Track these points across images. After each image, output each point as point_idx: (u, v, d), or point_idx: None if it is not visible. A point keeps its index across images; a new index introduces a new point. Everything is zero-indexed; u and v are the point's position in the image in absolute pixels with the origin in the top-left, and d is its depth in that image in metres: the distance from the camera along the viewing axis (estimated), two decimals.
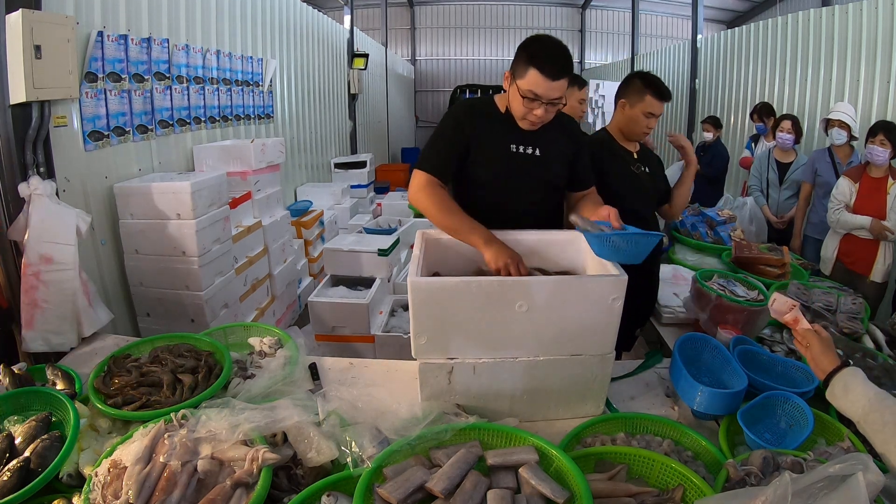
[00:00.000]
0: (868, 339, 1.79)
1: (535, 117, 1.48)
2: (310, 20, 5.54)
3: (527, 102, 1.46)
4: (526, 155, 1.59)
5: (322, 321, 2.82)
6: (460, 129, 1.58)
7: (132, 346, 1.63)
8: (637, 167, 2.04)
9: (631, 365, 1.67)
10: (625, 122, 2.00)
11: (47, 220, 1.85)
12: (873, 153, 2.81)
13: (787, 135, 3.68)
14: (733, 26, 8.47)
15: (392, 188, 7.46)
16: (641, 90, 1.92)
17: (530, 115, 1.48)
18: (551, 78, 1.41)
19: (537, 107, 1.46)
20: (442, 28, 13.49)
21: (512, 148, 1.59)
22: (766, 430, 1.26)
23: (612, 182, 1.95)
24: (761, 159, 3.90)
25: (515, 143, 1.59)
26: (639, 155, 2.07)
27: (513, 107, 1.52)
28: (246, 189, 3.28)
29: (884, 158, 2.79)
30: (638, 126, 1.97)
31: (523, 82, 1.44)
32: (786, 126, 3.69)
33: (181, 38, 3.18)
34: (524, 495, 1.00)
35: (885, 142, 2.77)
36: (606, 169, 1.97)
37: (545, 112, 1.47)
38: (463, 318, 1.22)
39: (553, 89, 1.43)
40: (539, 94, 1.43)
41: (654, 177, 2.11)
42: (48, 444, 1.18)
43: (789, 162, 3.74)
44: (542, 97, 1.43)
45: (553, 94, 1.44)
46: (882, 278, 2.91)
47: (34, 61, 1.85)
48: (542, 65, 1.40)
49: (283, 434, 1.18)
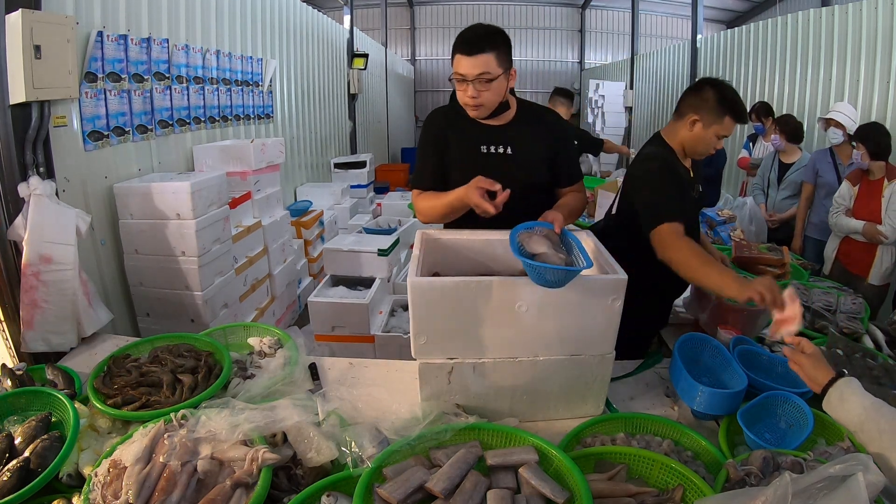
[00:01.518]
0: (868, 339, 1.79)
1: (470, 98, 1.51)
2: (310, 20, 5.54)
3: (459, 85, 1.51)
4: (497, 154, 1.60)
5: (322, 321, 2.82)
6: (440, 135, 1.62)
7: (132, 346, 1.63)
8: (695, 190, 1.81)
9: (631, 365, 1.67)
10: (692, 140, 1.70)
11: (47, 220, 1.85)
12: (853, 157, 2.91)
13: (775, 136, 3.70)
14: (733, 26, 8.46)
15: (392, 188, 7.47)
16: (720, 111, 1.63)
17: (465, 97, 1.52)
18: (466, 54, 1.45)
19: (467, 87, 1.49)
20: (442, 28, 13.48)
21: (482, 149, 1.60)
22: (766, 430, 1.26)
23: None
24: (767, 159, 3.91)
25: (486, 144, 1.60)
26: (693, 172, 1.81)
27: (459, 99, 1.56)
28: (246, 189, 3.28)
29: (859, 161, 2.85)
30: (706, 147, 1.70)
31: (453, 69, 1.51)
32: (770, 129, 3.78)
33: (181, 38, 3.18)
34: (524, 495, 1.00)
35: (858, 145, 2.85)
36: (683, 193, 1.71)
37: (477, 92, 1.49)
38: (463, 318, 1.22)
39: (473, 66, 1.46)
40: (462, 73, 1.47)
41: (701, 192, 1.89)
42: (48, 444, 1.18)
43: (791, 162, 3.73)
44: (466, 76, 1.47)
45: (475, 71, 1.46)
46: (880, 281, 2.91)
47: (34, 61, 1.85)
48: (458, 44, 1.48)
49: (282, 434, 1.18)
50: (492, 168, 1.56)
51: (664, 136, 1.77)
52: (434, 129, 1.65)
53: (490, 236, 1.51)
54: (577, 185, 1.69)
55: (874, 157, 2.79)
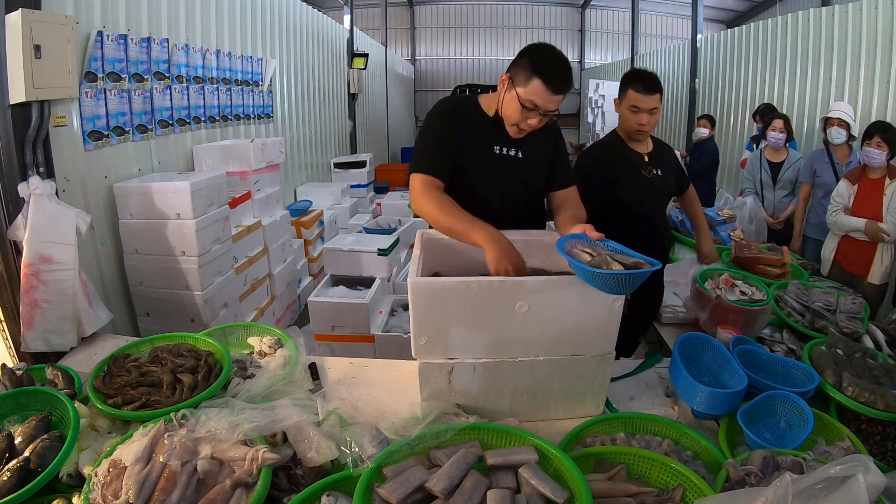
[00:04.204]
0: (868, 339, 1.79)
1: (529, 127, 1.48)
2: (310, 20, 5.54)
3: (524, 112, 1.44)
4: (509, 157, 1.59)
5: (322, 321, 2.82)
6: (449, 126, 1.56)
7: (132, 346, 1.63)
8: (648, 171, 1.97)
9: (631, 365, 1.67)
10: (621, 121, 1.97)
11: (47, 220, 1.85)
12: (869, 155, 2.78)
13: (778, 134, 3.66)
14: (733, 26, 8.47)
15: (392, 188, 7.46)
16: (625, 85, 1.90)
17: (524, 123, 1.47)
18: (554, 92, 1.40)
19: (533, 117, 1.45)
20: (442, 28, 13.49)
21: (496, 150, 1.59)
22: (766, 429, 1.26)
23: (621, 190, 1.92)
24: (753, 161, 3.88)
25: (499, 145, 1.59)
26: (651, 157, 2.01)
27: (506, 112, 1.50)
28: (246, 189, 3.28)
29: (881, 160, 2.77)
30: (628, 123, 1.94)
31: (524, 91, 1.41)
32: (777, 125, 3.68)
33: (181, 37, 3.17)
34: (524, 495, 1.00)
35: (881, 143, 2.75)
36: (614, 175, 1.94)
37: (539, 122, 1.47)
38: (463, 319, 1.22)
39: (553, 102, 1.43)
40: (539, 104, 1.42)
41: (668, 177, 2.05)
42: (48, 444, 1.18)
43: (781, 161, 3.72)
44: (540, 108, 1.43)
45: (551, 107, 1.44)
46: (880, 280, 2.91)
47: (34, 61, 1.85)
48: (547, 77, 1.39)
49: (282, 434, 1.18)
50: (502, 169, 1.58)
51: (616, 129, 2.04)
52: (448, 118, 1.58)
53: None
54: (572, 188, 1.69)
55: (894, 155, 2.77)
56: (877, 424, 1.33)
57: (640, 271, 1.11)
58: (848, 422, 1.35)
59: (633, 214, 1.83)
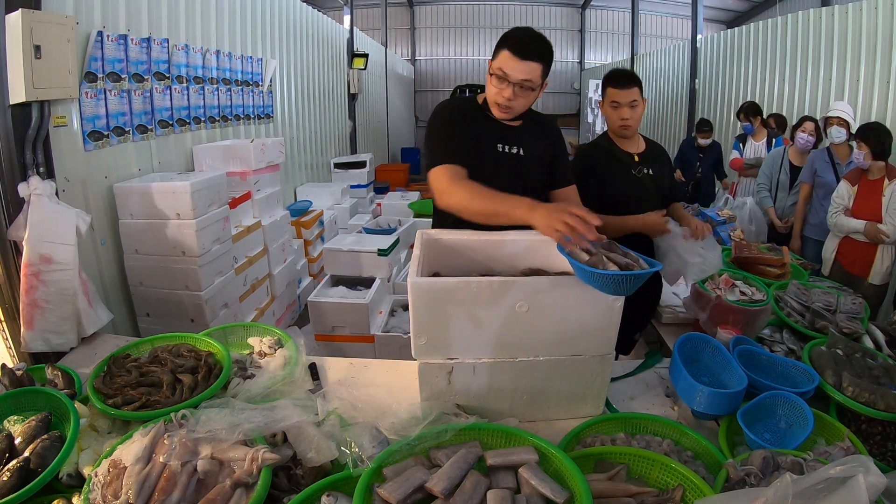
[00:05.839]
0: (868, 339, 1.79)
1: (504, 99, 1.49)
2: (310, 20, 5.54)
3: (496, 81, 1.48)
4: (510, 154, 1.60)
5: (322, 321, 2.82)
6: (456, 121, 1.59)
7: (132, 346, 1.63)
8: (639, 170, 2.00)
9: (631, 365, 1.67)
10: (607, 120, 2.01)
11: (47, 220, 1.85)
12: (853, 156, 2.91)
13: (808, 136, 3.57)
14: (733, 26, 8.47)
15: (392, 188, 7.47)
16: (604, 86, 1.95)
17: (499, 96, 1.49)
18: (520, 57, 1.43)
19: (506, 87, 1.47)
20: (442, 28, 13.49)
21: (498, 147, 1.60)
22: (766, 430, 1.26)
23: (611, 189, 1.94)
24: (774, 158, 3.76)
25: (502, 143, 1.60)
26: (641, 157, 2.04)
27: (488, 94, 1.54)
28: (246, 189, 3.28)
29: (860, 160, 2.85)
30: (612, 120, 1.98)
31: (494, 62, 1.48)
32: (808, 128, 3.59)
33: (181, 37, 3.17)
34: (524, 495, 1.00)
35: (860, 144, 2.82)
36: (605, 175, 1.96)
37: (514, 95, 1.48)
38: (463, 318, 1.22)
39: (520, 70, 1.45)
40: (507, 72, 1.45)
41: (660, 177, 2.07)
42: (48, 444, 1.18)
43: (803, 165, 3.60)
44: (509, 76, 1.45)
45: (519, 75, 1.45)
46: (881, 280, 2.91)
47: (34, 61, 1.85)
48: (511, 44, 1.45)
49: (282, 434, 1.17)
50: (505, 167, 1.59)
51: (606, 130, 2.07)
52: (454, 115, 1.60)
53: (490, 236, 1.51)
54: (572, 187, 1.70)
55: (876, 157, 2.79)
56: (877, 424, 1.33)
57: (640, 272, 1.11)
58: (848, 422, 1.35)
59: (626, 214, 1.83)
